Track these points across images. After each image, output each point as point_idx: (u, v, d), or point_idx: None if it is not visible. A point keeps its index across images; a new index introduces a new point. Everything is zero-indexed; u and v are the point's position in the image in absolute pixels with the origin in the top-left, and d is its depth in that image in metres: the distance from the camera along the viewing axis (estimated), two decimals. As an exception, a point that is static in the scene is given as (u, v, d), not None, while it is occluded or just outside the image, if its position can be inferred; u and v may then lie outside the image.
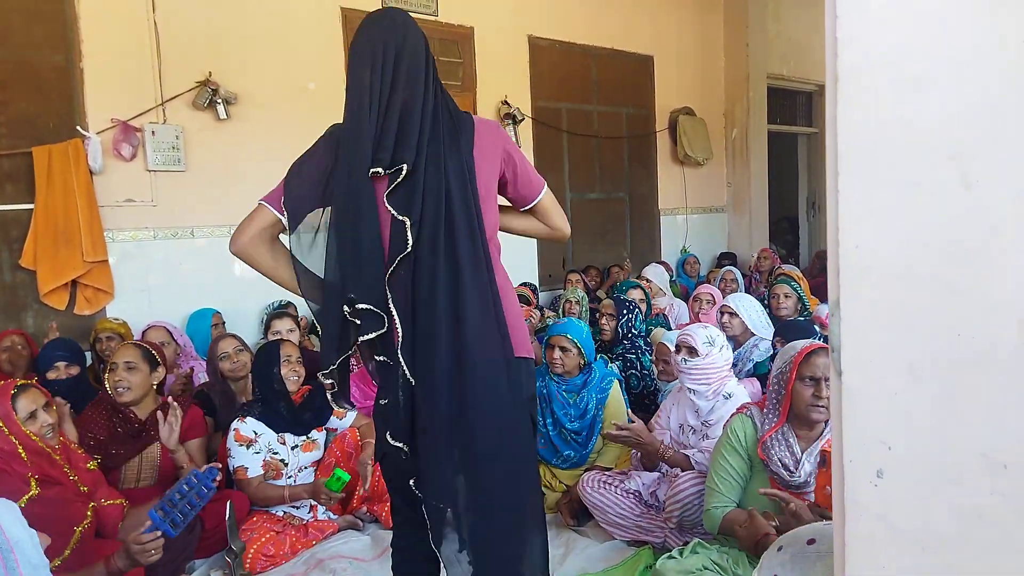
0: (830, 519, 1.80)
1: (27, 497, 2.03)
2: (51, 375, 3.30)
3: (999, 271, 0.51)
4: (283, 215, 1.61)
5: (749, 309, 3.49)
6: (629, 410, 3.27)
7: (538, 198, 1.77)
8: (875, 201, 0.54)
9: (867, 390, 0.55)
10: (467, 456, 1.51)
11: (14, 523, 1.16)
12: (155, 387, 2.82)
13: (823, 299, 4.87)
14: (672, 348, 3.00)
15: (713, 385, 2.72)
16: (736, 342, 3.46)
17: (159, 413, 2.73)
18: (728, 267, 5.56)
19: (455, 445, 1.50)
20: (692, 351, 2.75)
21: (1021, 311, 0.50)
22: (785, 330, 3.08)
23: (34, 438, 2.07)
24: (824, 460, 1.83)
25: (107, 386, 2.71)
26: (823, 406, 2.00)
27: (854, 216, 0.54)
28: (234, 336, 3.37)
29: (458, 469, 1.50)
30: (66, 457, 2.19)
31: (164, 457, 2.77)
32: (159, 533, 1.92)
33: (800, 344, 2.15)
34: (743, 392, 2.78)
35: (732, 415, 2.36)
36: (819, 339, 3.01)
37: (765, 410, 2.18)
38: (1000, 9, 0.50)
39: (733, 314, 3.49)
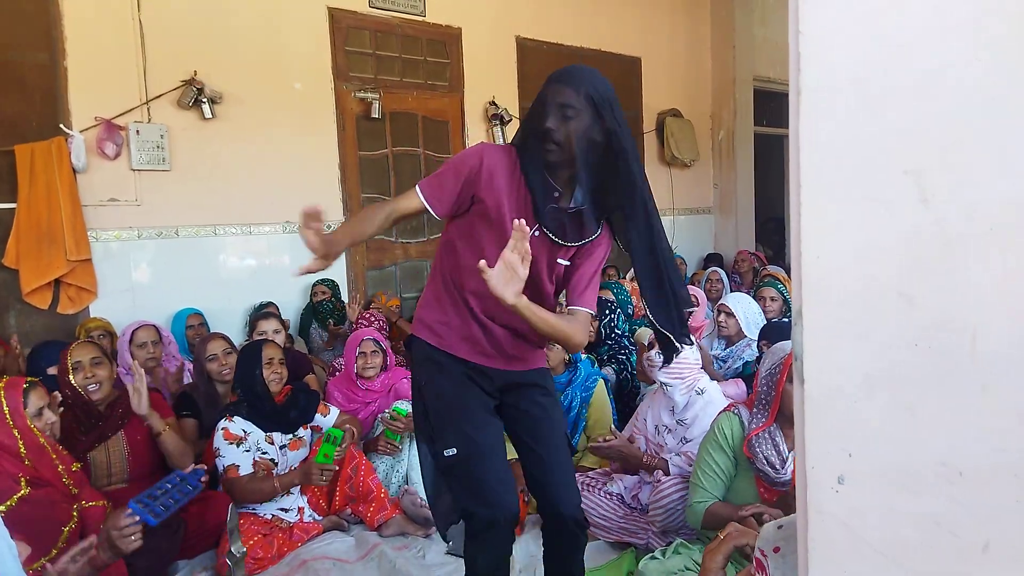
0: None
1: (16, 497, 2.02)
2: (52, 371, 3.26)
3: (955, 284, 0.52)
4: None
5: (746, 310, 3.51)
6: (614, 418, 3.31)
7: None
8: (835, 214, 0.55)
9: (827, 398, 0.56)
10: None
11: None
12: None
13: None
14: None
15: (687, 380, 2.77)
16: (729, 341, 3.48)
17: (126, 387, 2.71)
18: (713, 268, 5.59)
19: None
20: None
21: (975, 323, 0.52)
22: (770, 332, 3.10)
23: (38, 434, 2.07)
24: None
25: (72, 385, 2.66)
26: None
27: (815, 228, 0.55)
28: (223, 337, 3.34)
29: None
30: (59, 457, 2.18)
31: (133, 452, 2.75)
32: (137, 519, 1.91)
33: (790, 345, 2.18)
34: (715, 388, 2.82)
35: (720, 412, 2.38)
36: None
37: (754, 409, 2.20)
38: (957, 30, 0.51)
39: (730, 314, 3.50)
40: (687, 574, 1.91)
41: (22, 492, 2.03)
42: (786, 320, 3.67)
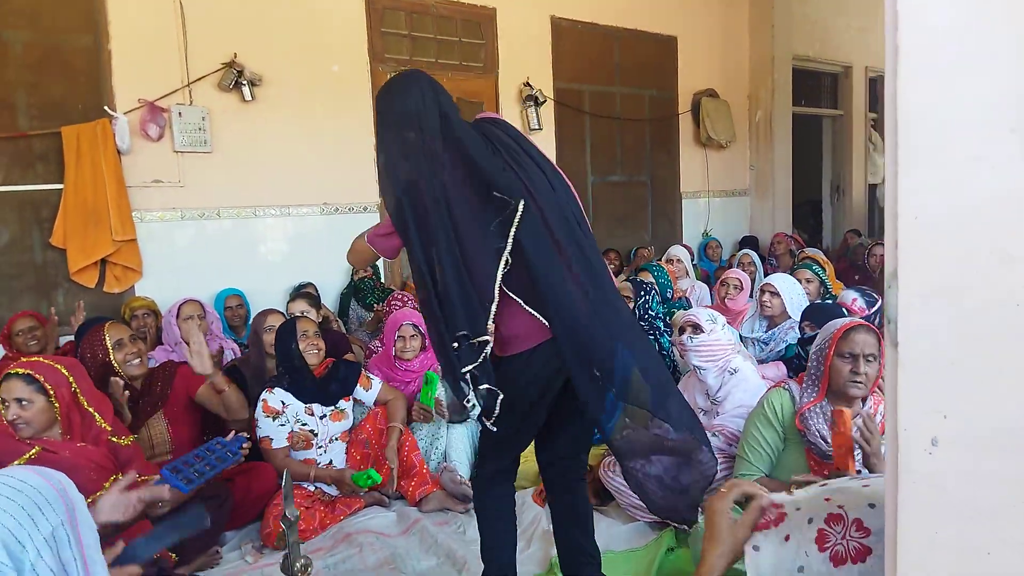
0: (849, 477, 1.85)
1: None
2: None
3: (1060, 243, 0.51)
4: None
5: (791, 291, 3.46)
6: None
7: None
8: (935, 174, 0.55)
9: (923, 360, 0.56)
10: None
11: (70, 484, 1.20)
12: None
13: (848, 284, 4.84)
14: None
15: (719, 361, 2.79)
16: (771, 323, 3.44)
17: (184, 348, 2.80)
18: (745, 251, 5.52)
19: None
20: (696, 328, 2.82)
21: (1081, 282, 0.51)
22: (814, 313, 3.06)
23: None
24: (835, 422, 1.90)
25: (115, 364, 2.74)
26: (860, 382, 2.05)
27: (913, 189, 0.55)
28: (281, 312, 3.45)
29: None
30: (115, 428, 2.25)
31: (173, 425, 2.84)
32: (168, 487, 1.95)
33: (840, 321, 2.18)
34: (748, 367, 2.81)
35: (769, 388, 2.38)
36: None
37: (804, 385, 2.23)
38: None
39: (775, 294, 3.45)
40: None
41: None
42: (828, 301, 3.62)
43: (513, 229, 1.75)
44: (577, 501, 2.13)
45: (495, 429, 1.88)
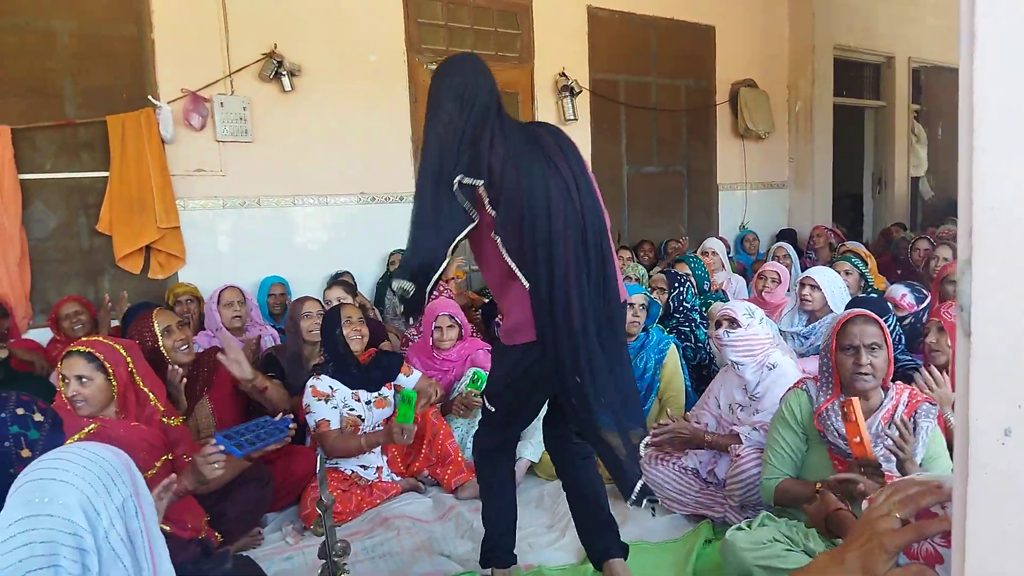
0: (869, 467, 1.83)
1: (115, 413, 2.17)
2: None
3: None
4: None
5: (832, 284, 3.39)
6: (687, 384, 3.33)
7: None
8: (1011, 161, 0.53)
9: (997, 349, 0.55)
10: None
11: (132, 461, 1.23)
12: None
13: (891, 278, 4.74)
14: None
15: (758, 356, 2.74)
16: (812, 317, 3.38)
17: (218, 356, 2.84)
18: (779, 244, 5.43)
19: None
20: (733, 322, 2.78)
21: None
22: (859, 306, 2.98)
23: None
24: (844, 414, 1.93)
25: (164, 351, 2.78)
26: (865, 373, 2.05)
27: (990, 175, 0.54)
28: (317, 300, 3.50)
29: None
30: (168, 409, 2.31)
31: (217, 408, 2.90)
32: (222, 448, 2.00)
33: (838, 315, 2.19)
34: (787, 361, 2.76)
35: (788, 390, 2.35)
36: (893, 319, 2.94)
37: (819, 383, 2.22)
38: None
39: (815, 287, 3.39)
40: (776, 546, 1.89)
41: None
42: (874, 295, 3.54)
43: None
44: (583, 478, 2.24)
45: (492, 409, 2.12)
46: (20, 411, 1.57)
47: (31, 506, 1.09)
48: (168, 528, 2.12)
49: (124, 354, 2.22)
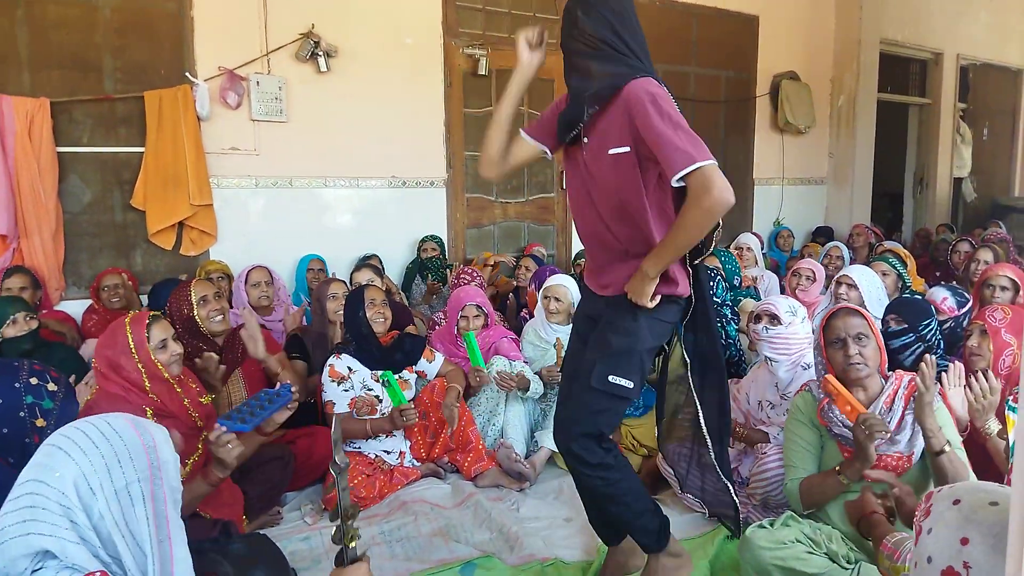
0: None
1: None
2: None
3: None
4: None
5: (870, 284, 3.29)
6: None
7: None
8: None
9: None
10: None
11: (164, 443, 1.21)
12: None
13: (929, 280, 4.60)
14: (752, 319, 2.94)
15: (793, 356, 2.68)
16: (848, 316, 3.29)
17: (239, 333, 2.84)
18: (835, 243, 5.29)
19: None
20: (774, 319, 2.71)
21: None
22: (900, 307, 2.88)
23: (160, 367, 2.17)
24: (829, 394, 2.08)
25: (199, 320, 2.81)
26: (857, 363, 2.07)
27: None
28: (343, 281, 3.51)
29: None
30: (185, 390, 2.30)
31: (249, 383, 2.90)
32: (225, 429, 1.99)
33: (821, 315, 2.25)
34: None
35: (795, 394, 2.33)
36: (935, 321, 2.83)
37: (818, 385, 2.21)
38: None
39: (852, 286, 3.29)
40: (797, 547, 1.84)
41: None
42: (919, 296, 3.42)
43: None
44: (576, 480, 2.11)
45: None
46: (34, 380, 1.57)
47: (38, 469, 1.11)
48: (208, 514, 2.14)
49: None
